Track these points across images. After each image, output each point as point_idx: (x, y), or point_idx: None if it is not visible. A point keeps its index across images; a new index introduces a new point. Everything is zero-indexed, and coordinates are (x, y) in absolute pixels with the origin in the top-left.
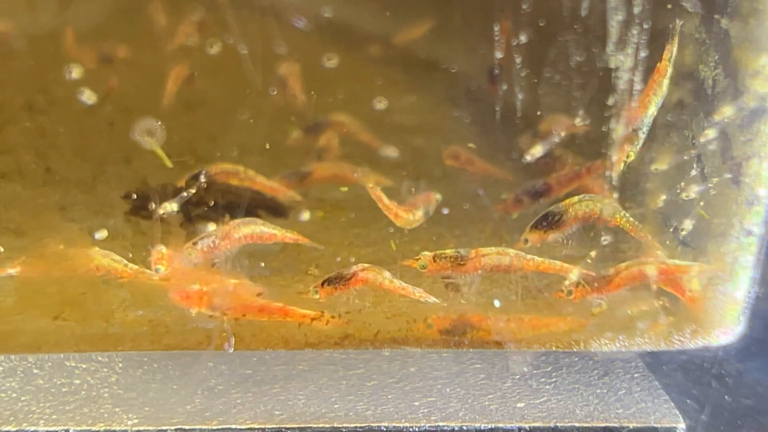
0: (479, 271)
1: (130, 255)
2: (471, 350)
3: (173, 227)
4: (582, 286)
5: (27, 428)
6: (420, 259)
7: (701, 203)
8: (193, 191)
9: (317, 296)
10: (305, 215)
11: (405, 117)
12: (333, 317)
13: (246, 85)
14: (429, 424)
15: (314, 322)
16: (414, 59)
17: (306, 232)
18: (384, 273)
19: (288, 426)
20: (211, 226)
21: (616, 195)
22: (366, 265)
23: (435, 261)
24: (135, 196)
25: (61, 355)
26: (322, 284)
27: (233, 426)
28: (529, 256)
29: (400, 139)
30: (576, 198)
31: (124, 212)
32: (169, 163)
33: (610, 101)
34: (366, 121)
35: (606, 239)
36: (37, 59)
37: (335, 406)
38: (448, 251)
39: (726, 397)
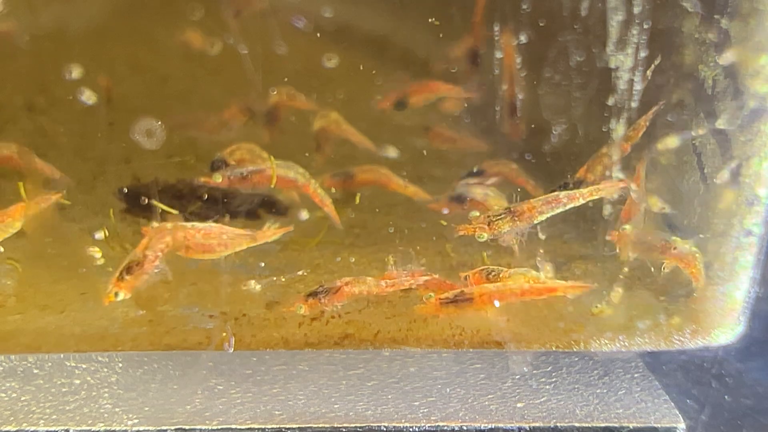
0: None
1: None
2: (471, 350)
3: None
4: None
5: (27, 428)
6: (296, 306)
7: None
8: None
9: (302, 311)
10: (305, 215)
11: (405, 117)
12: (333, 317)
13: (246, 85)
14: (429, 424)
15: (314, 322)
16: (414, 59)
17: (306, 233)
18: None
19: (288, 426)
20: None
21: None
22: (348, 278)
23: (307, 301)
24: (126, 190)
25: (61, 355)
26: (306, 298)
27: (233, 426)
28: (383, 282)
29: (400, 139)
30: None
31: (122, 212)
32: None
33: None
34: (366, 121)
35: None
36: (37, 59)
37: (335, 406)
38: (315, 288)
39: (726, 397)
